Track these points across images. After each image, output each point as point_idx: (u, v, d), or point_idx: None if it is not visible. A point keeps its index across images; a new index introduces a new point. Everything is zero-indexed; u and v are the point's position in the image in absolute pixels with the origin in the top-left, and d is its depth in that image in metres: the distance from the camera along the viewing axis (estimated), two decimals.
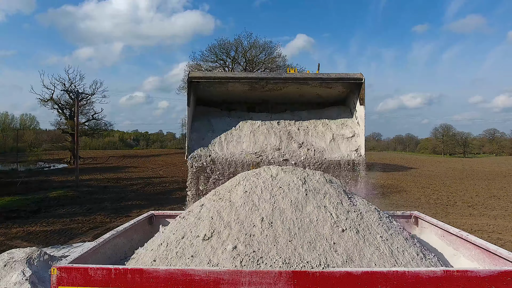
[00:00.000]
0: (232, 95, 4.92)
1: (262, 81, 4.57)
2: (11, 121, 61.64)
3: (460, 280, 2.35)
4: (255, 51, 36.77)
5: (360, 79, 4.46)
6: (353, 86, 4.65)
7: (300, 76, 4.60)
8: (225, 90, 4.78)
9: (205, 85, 4.65)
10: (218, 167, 4.39)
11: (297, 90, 4.80)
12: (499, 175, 31.26)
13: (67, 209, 14.31)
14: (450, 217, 12.97)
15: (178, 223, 3.16)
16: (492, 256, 2.93)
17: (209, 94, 4.88)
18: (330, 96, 4.99)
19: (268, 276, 2.34)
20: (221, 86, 4.69)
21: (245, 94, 4.89)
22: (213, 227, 2.92)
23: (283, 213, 2.98)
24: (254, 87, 4.69)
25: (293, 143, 4.59)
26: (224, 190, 3.39)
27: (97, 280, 2.37)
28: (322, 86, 4.71)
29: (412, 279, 2.33)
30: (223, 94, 4.89)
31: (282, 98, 4.99)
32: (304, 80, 4.57)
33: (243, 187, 3.30)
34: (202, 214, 3.11)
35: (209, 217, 3.04)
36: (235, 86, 4.68)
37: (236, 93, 4.88)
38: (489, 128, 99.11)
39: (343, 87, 4.75)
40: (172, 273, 2.34)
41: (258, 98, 5.01)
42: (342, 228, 2.91)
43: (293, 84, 4.65)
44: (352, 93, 4.80)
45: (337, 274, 2.33)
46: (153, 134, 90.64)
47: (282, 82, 4.60)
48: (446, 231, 3.64)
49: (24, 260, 5.89)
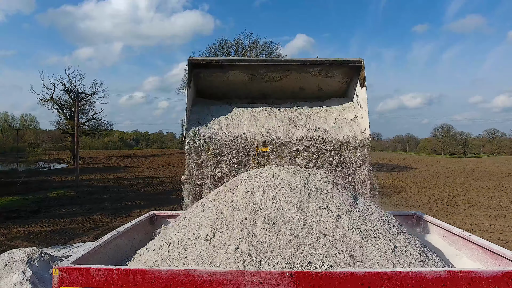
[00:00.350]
0: (232, 86, 4.89)
1: (262, 67, 4.55)
2: (11, 121, 61.68)
3: (464, 281, 2.34)
4: (255, 51, 36.72)
5: (359, 61, 4.47)
6: (353, 72, 4.64)
7: (299, 59, 4.62)
8: (226, 80, 4.77)
9: (206, 74, 4.63)
10: (218, 146, 4.31)
11: (297, 80, 4.80)
12: (499, 175, 31.24)
13: (67, 209, 14.30)
14: (451, 217, 12.96)
15: (180, 223, 3.14)
16: (495, 256, 2.92)
17: (209, 85, 4.86)
18: (330, 88, 4.97)
19: (271, 277, 2.32)
20: (222, 76, 4.68)
21: (246, 86, 4.87)
22: (215, 228, 2.91)
23: (286, 213, 2.97)
24: (254, 77, 4.68)
25: (295, 126, 4.57)
26: (226, 190, 3.38)
27: (99, 281, 2.36)
28: (322, 75, 4.71)
29: (416, 280, 2.32)
30: (223, 85, 4.86)
31: (282, 92, 4.97)
32: (303, 63, 4.56)
33: (245, 187, 3.28)
34: (204, 215, 3.10)
35: (211, 217, 3.02)
36: (235, 75, 4.67)
37: (237, 84, 4.85)
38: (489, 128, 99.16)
39: (343, 75, 4.75)
40: (174, 273, 2.33)
41: (258, 92, 4.99)
42: (344, 229, 2.89)
43: (293, 73, 4.64)
44: (352, 82, 4.80)
45: (340, 275, 2.32)
46: (153, 134, 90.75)
47: (282, 70, 4.57)
48: (449, 231, 3.63)
49: (24, 260, 5.88)
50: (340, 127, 4.55)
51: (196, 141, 4.29)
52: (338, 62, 4.53)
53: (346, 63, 4.53)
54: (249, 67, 4.61)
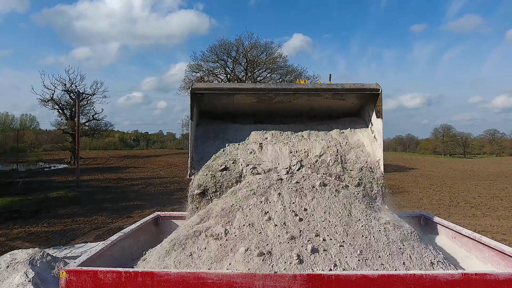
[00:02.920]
0: (238, 108, 4.55)
1: (271, 93, 4.22)
2: (11, 121, 61.62)
3: (479, 284, 2.30)
4: (256, 52, 36.71)
5: (376, 90, 4.11)
6: (368, 97, 4.31)
7: (311, 87, 4.26)
8: (231, 103, 4.41)
9: (209, 97, 4.28)
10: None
11: (308, 102, 4.46)
12: (500, 176, 31.21)
13: (68, 210, 14.26)
14: (453, 218, 12.92)
15: (190, 225, 3.10)
16: (506, 258, 2.88)
17: (213, 108, 4.52)
18: (343, 109, 4.64)
19: (282, 280, 2.28)
20: (227, 98, 4.33)
21: (252, 107, 4.53)
22: (225, 229, 2.86)
23: (297, 215, 2.93)
24: (262, 99, 4.34)
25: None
26: (236, 192, 3.34)
27: (107, 284, 2.31)
28: (335, 98, 4.39)
29: (430, 282, 2.28)
30: (228, 106, 4.51)
31: (291, 111, 4.62)
32: (315, 91, 4.23)
33: (255, 189, 3.24)
34: (214, 216, 3.06)
35: (220, 219, 2.98)
36: (241, 98, 4.33)
37: (243, 106, 4.51)
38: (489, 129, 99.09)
39: (357, 99, 4.43)
40: (183, 276, 2.29)
41: (266, 111, 4.63)
42: (357, 230, 2.85)
43: (303, 96, 4.31)
44: (367, 105, 4.47)
45: (353, 277, 2.28)
46: (153, 134, 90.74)
47: (292, 93, 4.24)
48: (458, 233, 3.59)
49: (26, 261, 5.83)
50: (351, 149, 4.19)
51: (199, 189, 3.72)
52: (352, 90, 4.20)
53: (361, 91, 4.19)
54: (256, 91, 4.28)
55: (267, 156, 3.96)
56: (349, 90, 4.20)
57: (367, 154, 4.07)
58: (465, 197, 18.44)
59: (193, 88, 4.13)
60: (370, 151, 4.10)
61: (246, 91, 4.25)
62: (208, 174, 3.71)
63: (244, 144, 4.13)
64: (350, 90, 4.21)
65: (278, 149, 4.05)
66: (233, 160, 3.86)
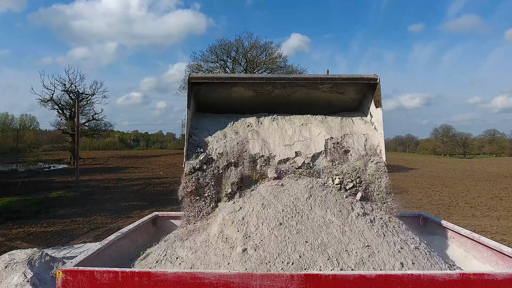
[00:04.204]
0: (236, 102, 4.51)
1: (268, 84, 4.18)
2: (10, 122, 61.58)
3: (477, 284, 2.29)
4: (256, 52, 36.73)
5: (374, 79, 4.11)
6: (367, 89, 4.31)
7: (309, 77, 4.27)
8: (229, 96, 4.38)
9: (206, 90, 4.26)
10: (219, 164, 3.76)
11: (306, 96, 4.44)
12: (500, 176, 31.20)
13: (67, 210, 14.24)
14: (453, 218, 12.90)
15: (187, 225, 3.09)
16: (505, 258, 2.87)
17: (210, 101, 4.49)
18: (341, 104, 4.61)
19: (279, 279, 2.27)
20: (224, 91, 4.30)
21: (250, 103, 4.49)
22: (223, 230, 2.86)
23: (294, 216, 2.92)
24: (260, 93, 4.32)
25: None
26: (233, 192, 3.33)
27: (104, 284, 2.31)
28: (333, 91, 4.36)
29: (428, 282, 2.27)
30: (226, 100, 4.47)
31: (289, 108, 4.56)
32: (314, 81, 4.19)
33: (252, 189, 3.24)
34: (211, 216, 3.05)
35: (218, 219, 2.98)
36: (239, 91, 4.30)
37: (240, 101, 4.48)
38: (489, 129, 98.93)
39: (356, 92, 4.41)
40: (180, 276, 2.28)
41: (264, 106, 4.57)
42: (354, 231, 2.85)
43: (302, 89, 4.29)
44: (365, 98, 4.46)
45: (350, 277, 2.27)
46: (153, 134, 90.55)
47: (290, 86, 4.20)
48: (456, 233, 3.58)
49: (25, 261, 5.82)
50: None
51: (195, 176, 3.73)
52: (351, 80, 4.18)
53: (360, 80, 4.17)
54: (254, 84, 4.26)
55: (264, 142, 3.98)
56: (348, 79, 4.18)
57: (368, 146, 4.02)
58: (464, 197, 18.42)
59: (190, 77, 4.11)
60: (371, 143, 4.07)
61: (243, 80, 4.22)
62: (203, 158, 3.71)
63: (241, 127, 4.15)
64: (349, 80, 4.18)
65: (277, 134, 4.07)
66: (229, 144, 3.84)
